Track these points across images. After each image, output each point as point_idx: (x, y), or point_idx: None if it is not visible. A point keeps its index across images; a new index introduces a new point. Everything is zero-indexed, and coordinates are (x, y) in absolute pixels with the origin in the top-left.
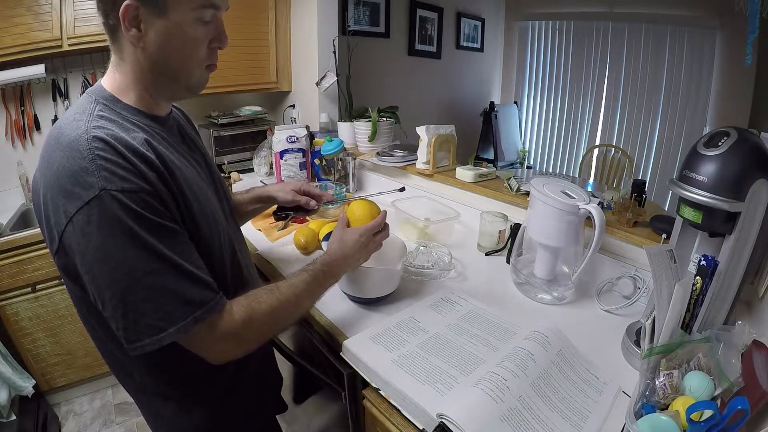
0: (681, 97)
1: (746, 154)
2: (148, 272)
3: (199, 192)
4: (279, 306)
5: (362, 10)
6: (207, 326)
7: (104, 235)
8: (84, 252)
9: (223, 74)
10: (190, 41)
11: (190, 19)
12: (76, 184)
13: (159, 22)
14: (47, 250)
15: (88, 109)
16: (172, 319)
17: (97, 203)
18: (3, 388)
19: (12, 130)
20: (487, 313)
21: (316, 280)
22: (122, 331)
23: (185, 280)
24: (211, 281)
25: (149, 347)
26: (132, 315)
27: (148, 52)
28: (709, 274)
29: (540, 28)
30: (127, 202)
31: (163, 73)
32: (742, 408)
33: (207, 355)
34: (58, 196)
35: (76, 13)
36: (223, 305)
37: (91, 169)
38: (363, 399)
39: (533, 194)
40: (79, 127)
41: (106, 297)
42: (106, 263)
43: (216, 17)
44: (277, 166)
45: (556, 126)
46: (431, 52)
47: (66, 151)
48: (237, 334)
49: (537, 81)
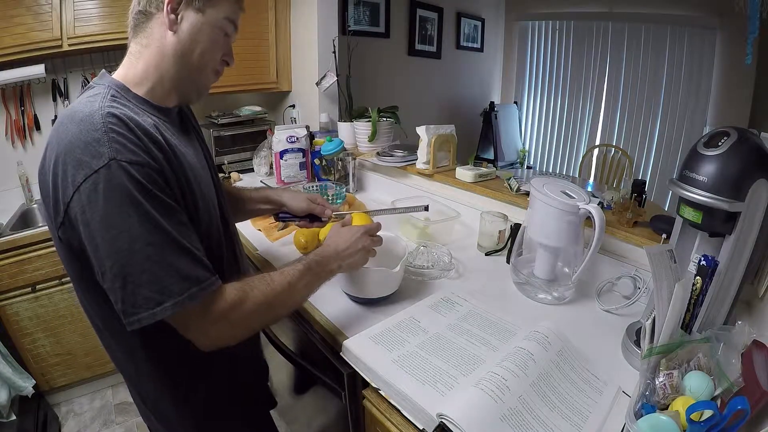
0: (681, 97)
1: (746, 154)
2: (149, 243)
3: (201, 179)
4: (272, 293)
5: (362, 10)
6: (201, 305)
7: (110, 204)
8: (88, 221)
9: (224, 74)
10: (213, 41)
11: (218, 24)
12: (87, 153)
13: (194, 16)
14: (47, 250)
15: (102, 92)
16: (169, 292)
17: (105, 171)
18: (3, 388)
19: (12, 130)
20: (487, 313)
21: (310, 271)
22: (120, 303)
23: (184, 256)
24: (208, 263)
25: (146, 321)
26: (131, 286)
27: (179, 37)
28: (709, 274)
29: (540, 28)
30: (135, 174)
31: (185, 62)
32: (742, 408)
33: (198, 337)
34: (68, 166)
35: (76, 13)
36: (218, 286)
37: (103, 140)
38: (363, 399)
39: (533, 194)
40: (93, 104)
41: (106, 266)
42: (109, 232)
43: (230, 36)
44: (277, 166)
45: (556, 126)
46: (431, 52)
47: (80, 124)
48: (229, 317)
49: (537, 81)
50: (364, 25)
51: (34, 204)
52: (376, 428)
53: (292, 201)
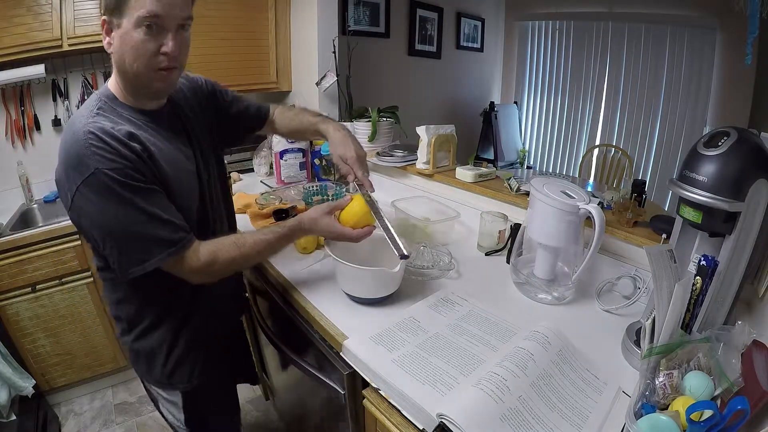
0: (681, 97)
1: (746, 154)
2: (134, 222)
3: (176, 165)
4: (240, 257)
5: (362, 10)
6: (179, 260)
7: (101, 199)
8: (89, 212)
9: (224, 74)
10: (137, 46)
11: (132, 29)
12: (78, 164)
13: (117, 30)
14: (47, 250)
15: (90, 105)
16: (152, 254)
17: (93, 177)
18: (3, 388)
19: (12, 130)
20: (487, 313)
21: (279, 242)
22: (116, 264)
23: (163, 225)
24: (183, 224)
25: (137, 273)
26: (124, 253)
27: (115, 56)
28: (709, 274)
29: (540, 28)
30: (114, 176)
31: (124, 73)
32: (742, 408)
33: (185, 278)
34: (68, 171)
35: (76, 13)
36: (191, 242)
37: (87, 154)
38: (363, 399)
39: (533, 194)
40: (81, 121)
41: (105, 241)
42: (103, 218)
43: (163, 26)
44: (277, 166)
45: (556, 126)
46: (431, 52)
47: (72, 138)
48: (202, 271)
49: (537, 81)
50: (364, 25)
51: (34, 204)
52: (376, 428)
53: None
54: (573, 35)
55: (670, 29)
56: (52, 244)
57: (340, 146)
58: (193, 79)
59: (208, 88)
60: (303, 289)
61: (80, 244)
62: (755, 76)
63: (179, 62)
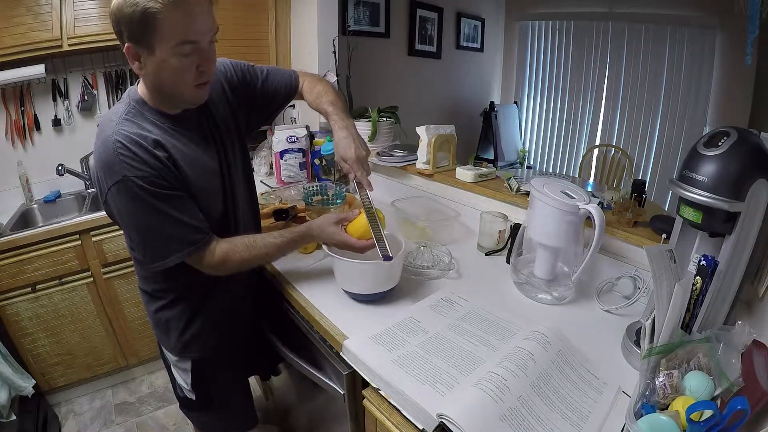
0: (681, 97)
1: (746, 154)
2: (158, 224)
3: (199, 168)
4: (250, 258)
5: (362, 10)
6: (197, 257)
7: (129, 202)
8: (119, 210)
9: None
10: (176, 71)
11: (171, 55)
12: (108, 169)
13: (151, 58)
14: (47, 250)
15: (120, 110)
16: (173, 251)
17: (122, 183)
18: (3, 388)
19: (12, 130)
20: (487, 313)
21: (287, 245)
22: (142, 257)
23: (184, 227)
24: (203, 226)
25: (159, 267)
26: (149, 249)
27: (148, 79)
28: (709, 274)
29: (540, 28)
30: (141, 183)
31: (161, 92)
32: (742, 408)
33: (202, 270)
34: (100, 173)
35: (76, 13)
36: (209, 242)
37: (116, 161)
38: (363, 399)
39: (533, 194)
40: (111, 127)
41: (132, 237)
42: (131, 218)
43: (198, 48)
44: (277, 166)
45: (556, 126)
46: (431, 52)
47: (102, 145)
48: (215, 267)
49: (537, 81)
50: (364, 25)
51: (34, 204)
52: (376, 428)
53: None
54: (573, 35)
55: (670, 29)
56: (52, 244)
57: (341, 147)
58: (220, 71)
59: (238, 77)
60: (303, 289)
61: (80, 245)
62: (755, 76)
63: (213, 73)
